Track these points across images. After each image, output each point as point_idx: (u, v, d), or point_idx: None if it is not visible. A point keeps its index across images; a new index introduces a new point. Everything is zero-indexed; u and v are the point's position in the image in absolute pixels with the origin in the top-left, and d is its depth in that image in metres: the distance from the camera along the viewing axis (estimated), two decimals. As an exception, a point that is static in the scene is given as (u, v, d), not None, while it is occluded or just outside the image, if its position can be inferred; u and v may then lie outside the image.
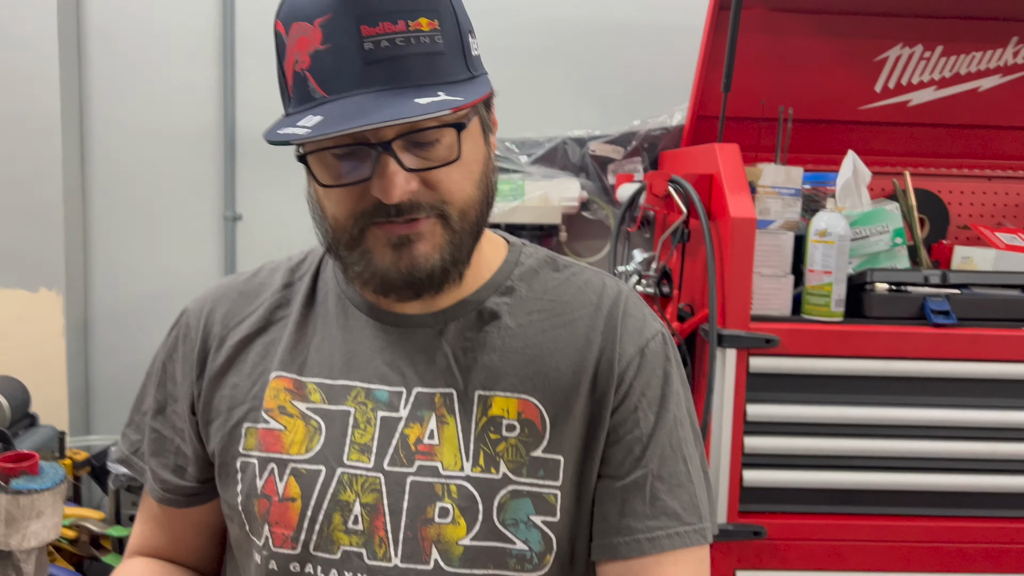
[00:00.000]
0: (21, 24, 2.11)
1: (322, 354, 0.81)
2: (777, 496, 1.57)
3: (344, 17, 0.65)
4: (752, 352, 1.53)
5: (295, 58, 0.69)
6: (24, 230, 2.17)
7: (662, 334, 0.82)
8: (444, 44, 0.69)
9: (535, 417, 0.77)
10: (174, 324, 0.88)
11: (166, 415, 0.86)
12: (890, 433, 1.55)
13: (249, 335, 0.83)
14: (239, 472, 0.79)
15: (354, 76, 0.66)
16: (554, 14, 2.25)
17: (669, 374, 0.80)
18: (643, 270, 1.70)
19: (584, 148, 2.18)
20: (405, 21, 0.66)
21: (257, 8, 2.24)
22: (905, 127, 2.08)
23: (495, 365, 0.78)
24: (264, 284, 0.87)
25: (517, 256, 0.85)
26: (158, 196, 2.30)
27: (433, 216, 0.72)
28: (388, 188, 0.68)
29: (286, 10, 0.70)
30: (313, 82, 0.68)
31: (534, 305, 0.81)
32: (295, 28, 0.69)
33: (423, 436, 0.76)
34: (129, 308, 2.31)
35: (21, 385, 2.03)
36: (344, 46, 0.66)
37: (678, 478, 0.77)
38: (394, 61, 0.66)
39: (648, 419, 0.78)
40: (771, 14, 1.94)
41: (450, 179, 0.71)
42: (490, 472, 0.75)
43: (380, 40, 0.66)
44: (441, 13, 0.69)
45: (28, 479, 0.99)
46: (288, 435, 0.78)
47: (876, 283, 1.61)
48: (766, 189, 1.62)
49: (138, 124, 2.28)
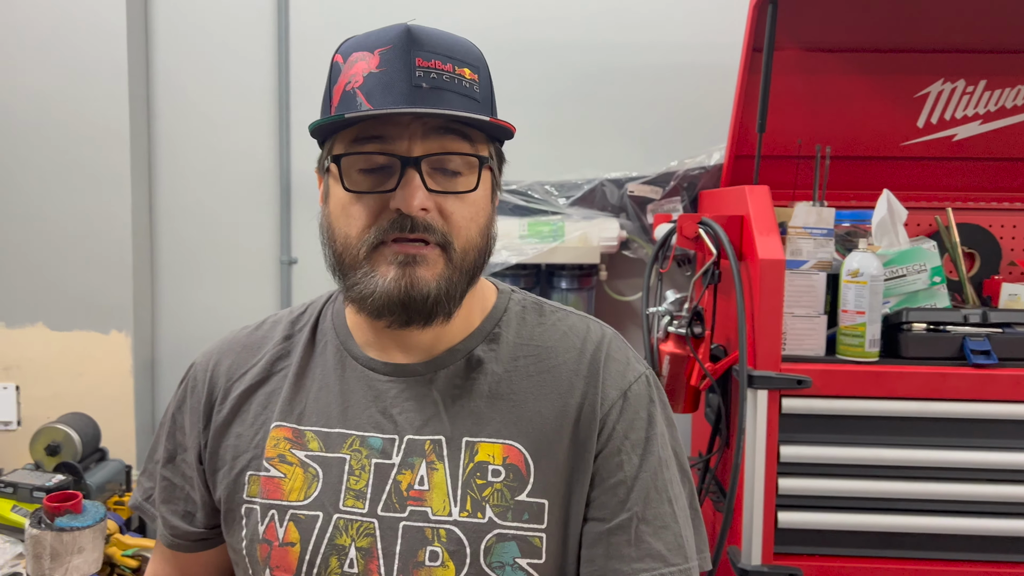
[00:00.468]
0: (94, 86, 2.26)
1: (320, 403, 0.84)
2: (813, 538, 1.56)
3: (402, 49, 0.74)
4: (784, 393, 1.53)
5: (348, 79, 0.77)
6: (97, 276, 2.31)
7: (645, 376, 0.84)
8: (479, 95, 0.78)
9: (519, 462, 0.79)
10: (183, 378, 0.93)
11: (176, 464, 0.91)
12: (928, 475, 1.53)
13: (251, 387, 0.88)
14: (243, 518, 0.83)
15: (401, 95, 0.74)
16: (591, 59, 2.30)
17: (653, 416, 0.82)
18: (675, 310, 1.72)
19: (622, 189, 2.21)
20: (453, 65, 0.76)
21: (309, 64, 2.36)
22: (951, 162, 2.05)
23: (481, 411, 0.81)
24: (266, 337, 0.91)
25: (505, 303, 0.89)
26: (219, 242, 2.42)
27: (438, 246, 0.77)
28: (410, 198, 0.74)
29: (348, 45, 0.79)
30: (361, 96, 0.75)
31: (520, 351, 0.84)
32: (354, 56, 0.77)
33: (414, 482, 0.79)
34: (192, 348, 2.41)
35: (92, 421, 2.15)
36: (397, 70, 0.74)
37: (663, 519, 0.79)
38: (437, 92, 0.74)
39: (632, 462, 0.80)
40: (806, 54, 1.96)
41: (461, 214, 0.77)
42: (477, 516, 0.78)
43: (430, 72, 0.74)
44: (480, 71, 0.79)
45: (71, 517, 1.06)
46: (288, 482, 0.82)
47: (913, 323, 1.59)
48: (797, 230, 1.62)
49: (200, 175, 2.41)
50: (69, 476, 1.96)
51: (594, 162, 2.27)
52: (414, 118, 0.75)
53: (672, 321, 1.70)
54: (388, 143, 0.75)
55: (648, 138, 2.31)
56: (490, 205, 0.82)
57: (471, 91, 0.77)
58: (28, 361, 2.33)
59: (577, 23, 2.31)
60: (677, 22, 2.29)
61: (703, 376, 1.64)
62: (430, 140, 0.75)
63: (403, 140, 0.75)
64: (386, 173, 0.76)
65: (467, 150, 0.77)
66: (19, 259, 2.31)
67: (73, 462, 2.00)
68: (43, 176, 2.29)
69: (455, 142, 0.76)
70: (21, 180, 2.30)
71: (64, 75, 2.26)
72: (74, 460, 2.02)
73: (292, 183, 2.38)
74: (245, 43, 2.37)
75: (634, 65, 2.31)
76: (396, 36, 0.75)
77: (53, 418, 2.15)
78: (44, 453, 2.03)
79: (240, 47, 2.37)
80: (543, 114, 2.31)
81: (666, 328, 1.70)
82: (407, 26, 0.75)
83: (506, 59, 2.29)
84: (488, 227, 0.82)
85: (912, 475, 1.53)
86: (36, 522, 1.20)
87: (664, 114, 2.31)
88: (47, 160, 2.28)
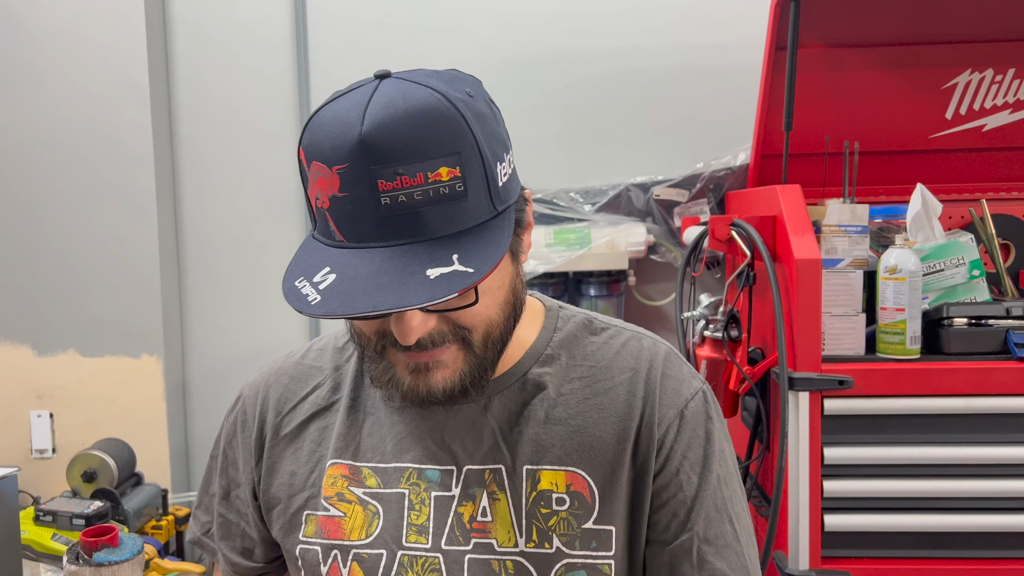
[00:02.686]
0: (119, 112, 2.28)
1: (374, 438, 0.82)
2: (861, 540, 1.53)
3: (360, 169, 0.63)
4: (826, 394, 1.51)
5: (316, 194, 0.68)
6: (126, 302, 2.32)
7: (702, 391, 0.82)
8: (467, 187, 0.65)
9: (583, 489, 0.77)
10: (232, 408, 0.91)
11: (230, 500, 0.89)
12: (976, 472, 1.50)
13: (304, 421, 0.85)
14: (299, 559, 0.81)
15: (370, 227, 0.65)
16: (610, 65, 2.30)
17: (711, 433, 0.80)
18: (710, 314, 1.70)
19: (648, 193, 2.20)
20: (424, 173, 0.63)
21: (329, 86, 2.34)
22: (981, 152, 2.02)
23: (540, 438, 0.79)
24: (313, 367, 0.89)
25: (555, 321, 0.86)
26: (246, 265, 2.43)
27: (455, 342, 0.72)
28: (405, 333, 0.68)
29: (307, 141, 0.68)
30: (333, 224, 0.67)
31: (575, 372, 0.82)
32: (315, 167, 0.67)
33: (476, 513, 0.77)
34: (222, 371, 2.44)
35: (127, 446, 2.16)
36: (361, 197, 0.64)
37: (725, 539, 0.77)
38: (410, 216, 0.64)
39: (692, 481, 0.78)
40: (829, 50, 1.94)
41: (471, 313, 0.71)
42: (544, 547, 0.76)
43: (397, 195, 0.63)
44: (463, 155, 0.65)
45: (109, 551, 1.05)
46: (348, 521, 0.80)
47: (954, 318, 1.56)
48: (831, 228, 1.60)
49: (224, 198, 2.42)
50: (107, 502, 1.97)
51: (618, 167, 2.26)
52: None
53: (708, 325, 1.68)
54: None
55: (672, 141, 2.30)
56: (509, 275, 0.75)
57: (453, 192, 0.64)
58: (61, 388, 2.34)
59: (595, 30, 2.31)
60: (696, 24, 2.28)
61: (742, 380, 1.62)
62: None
63: None
64: None
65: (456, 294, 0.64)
66: (49, 287, 2.33)
67: (110, 488, 2.01)
68: (70, 204, 2.31)
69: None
70: (49, 209, 2.32)
71: (89, 105, 2.29)
72: (111, 486, 2.03)
73: (316, 202, 2.39)
74: (265, 67, 2.38)
75: (655, 68, 2.30)
76: (351, 151, 0.63)
77: (88, 444, 2.16)
78: (81, 480, 2.05)
79: (260, 71, 2.38)
80: (565, 122, 2.30)
81: (702, 333, 1.68)
82: (359, 137, 0.63)
83: (526, 69, 2.30)
84: (511, 295, 0.76)
85: (959, 473, 1.51)
86: (74, 558, 1.19)
87: (687, 116, 2.30)
88: (74, 188, 2.31)
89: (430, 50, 2.30)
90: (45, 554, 1.87)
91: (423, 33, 2.30)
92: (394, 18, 2.33)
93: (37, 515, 1.94)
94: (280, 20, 2.36)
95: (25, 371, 2.34)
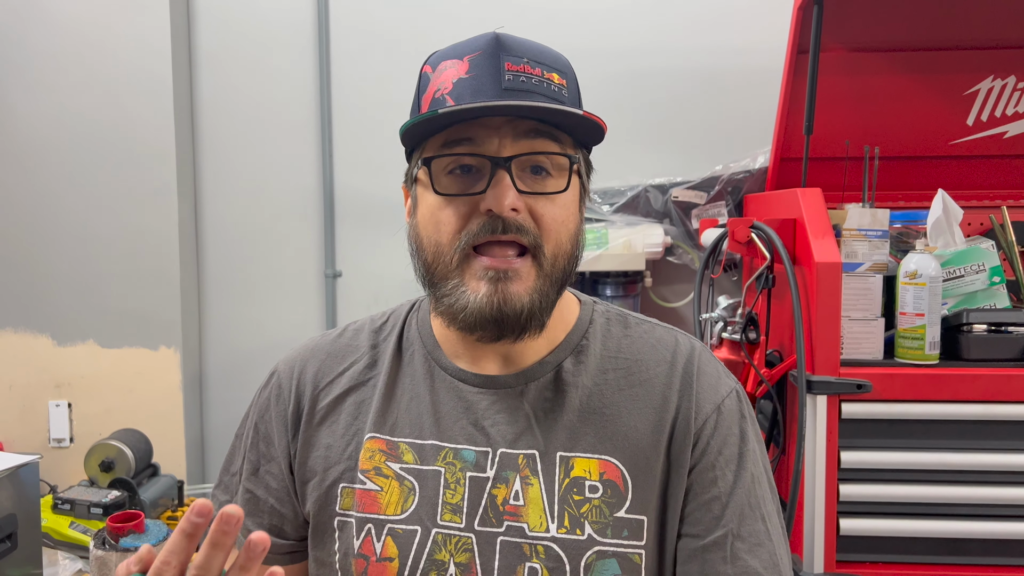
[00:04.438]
0: (141, 105, 2.30)
1: (411, 415, 0.83)
2: (876, 545, 1.53)
3: (491, 55, 0.75)
4: (844, 398, 1.51)
5: (437, 87, 0.76)
6: (146, 293, 2.34)
7: (736, 391, 0.83)
8: (567, 100, 0.78)
9: (617, 478, 0.78)
10: (265, 384, 0.92)
11: (259, 476, 0.89)
12: (994, 479, 1.50)
13: (340, 395, 0.86)
14: (336, 531, 0.82)
15: (491, 97, 0.73)
16: (630, 65, 2.30)
17: (745, 431, 0.81)
18: (728, 316, 1.70)
19: (666, 195, 2.20)
20: (542, 70, 0.76)
21: (350, 79, 2.38)
22: (1002, 159, 2.02)
23: (574, 426, 0.80)
24: (350, 345, 0.90)
25: (589, 314, 0.87)
26: (264, 258, 2.44)
27: (529, 255, 0.76)
28: (500, 198, 0.73)
29: (437, 56, 0.79)
30: (451, 100, 0.75)
31: (608, 364, 0.83)
32: (443, 64, 0.77)
33: (509, 496, 0.78)
34: (239, 363, 2.46)
35: (144, 437, 2.17)
36: (486, 74, 0.74)
37: (758, 536, 0.78)
38: (527, 94, 0.74)
39: (726, 478, 0.79)
40: (851, 54, 1.94)
41: (552, 215, 0.76)
42: (575, 533, 0.77)
43: (519, 75, 0.74)
44: (568, 77, 0.79)
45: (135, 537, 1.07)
46: (384, 496, 0.81)
47: (974, 324, 1.56)
48: (852, 232, 1.60)
49: (245, 192, 2.43)
50: (124, 492, 1.98)
51: (637, 168, 2.26)
52: (505, 121, 0.74)
53: (726, 327, 1.68)
54: (478, 145, 0.75)
55: (691, 143, 2.30)
56: (579, 211, 0.81)
57: (559, 95, 0.76)
58: (79, 378, 2.36)
59: (615, 29, 2.31)
60: (717, 26, 2.28)
61: (759, 382, 1.63)
62: (520, 142, 0.75)
63: (493, 141, 0.74)
64: (476, 176, 0.76)
65: (557, 150, 0.76)
66: (69, 278, 2.35)
67: (127, 478, 2.02)
68: (92, 195, 2.33)
69: (545, 143, 0.76)
70: (70, 199, 2.33)
71: (111, 96, 2.30)
72: (128, 476, 2.04)
73: (336, 197, 2.40)
74: (286, 61, 2.39)
75: (674, 69, 2.30)
76: (485, 43, 0.75)
77: (105, 435, 2.17)
78: (98, 469, 2.06)
79: (282, 64, 2.39)
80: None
81: (720, 334, 1.68)
82: (495, 33, 0.76)
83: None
84: (577, 233, 0.80)
85: (977, 479, 1.51)
86: (100, 543, 1.21)
87: (706, 118, 2.30)
88: (95, 179, 2.32)
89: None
90: (63, 542, 1.89)
91: (444, 30, 2.31)
92: (414, 17, 2.34)
93: (55, 503, 1.95)
94: (303, 16, 2.37)
95: (45, 361, 2.35)
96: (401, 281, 2.36)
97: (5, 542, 1.41)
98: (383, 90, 2.36)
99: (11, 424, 2.36)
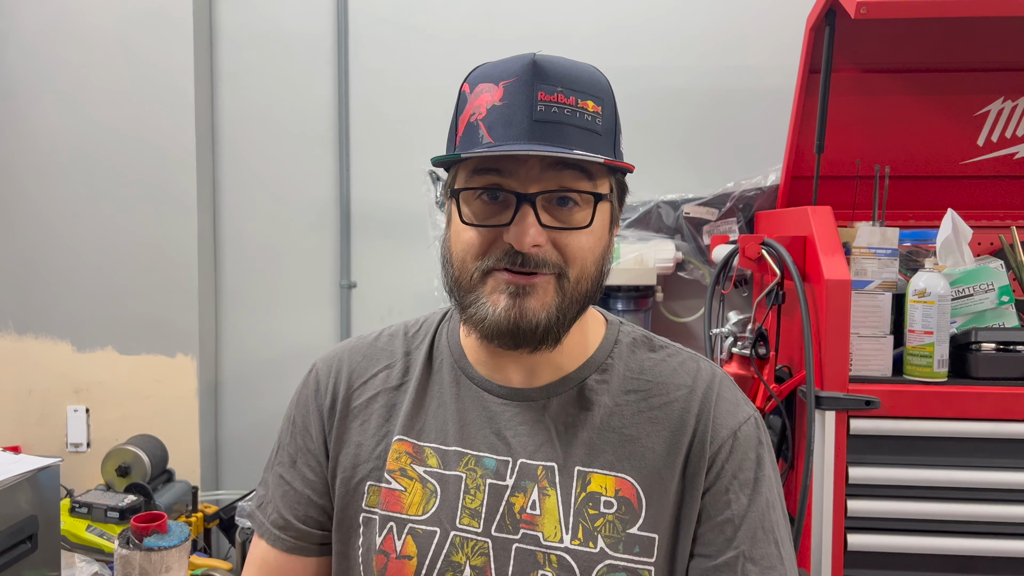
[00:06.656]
0: (163, 116, 2.35)
1: (438, 421, 0.86)
2: (883, 561, 1.54)
3: (525, 82, 0.75)
4: (852, 414, 1.52)
5: (473, 111, 0.78)
6: (164, 302, 2.38)
7: (754, 418, 0.85)
8: (602, 128, 0.78)
9: (632, 495, 0.80)
10: (304, 380, 0.94)
11: (297, 468, 0.91)
12: (1001, 497, 1.50)
13: (373, 396, 0.89)
14: (361, 527, 0.85)
15: (522, 130, 0.74)
16: (643, 83, 2.34)
17: (762, 458, 0.83)
18: (738, 331, 1.72)
19: (678, 211, 2.22)
20: (576, 98, 0.76)
21: (368, 93, 2.42)
22: (1013, 180, 2.03)
23: (593, 443, 0.82)
24: (385, 349, 0.93)
25: (615, 334, 0.90)
26: (280, 268, 2.48)
27: (552, 274, 0.77)
28: (522, 235, 0.74)
29: (476, 74, 0.80)
30: (483, 129, 0.76)
31: (630, 385, 0.86)
32: (480, 87, 0.78)
33: (526, 505, 0.81)
34: (255, 371, 2.49)
35: (160, 443, 2.20)
36: (519, 104, 0.75)
37: (770, 560, 0.79)
38: (558, 126, 0.75)
39: (740, 501, 0.80)
40: (863, 75, 1.96)
41: (577, 245, 0.77)
42: (588, 546, 0.79)
43: (552, 106, 0.75)
44: (605, 103, 0.79)
45: (158, 537, 1.09)
46: (407, 496, 0.84)
47: (982, 343, 1.58)
48: (861, 250, 1.62)
49: (263, 203, 2.48)
50: (140, 496, 2.01)
51: (649, 184, 2.28)
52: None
53: (736, 342, 1.70)
54: (505, 176, 0.76)
55: (703, 160, 2.33)
56: (607, 236, 0.82)
57: (593, 124, 0.76)
58: (97, 384, 2.40)
59: (628, 48, 2.35)
60: (730, 45, 2.31)
61: (768, 398, 1.64)
62: (547, 176, 0.76)
63: (520, 174, 0.76)
64: (503, 204, 0.77)
65: (584, 187, 0.77)
66: (90, 286, 2.39)
67: (143, 483, 2.05)
68: (114, 206, 2.38)
69: (573, 179, 0.76)
70: (93, 210, 2.38)
71: (135, 110, 2.35)
72: (144, 481, 2.07)
73: (352, 209, 2.44)
74: (305, 76, 2.44)
75: (687, 87, 2.33)
76: (521, 68, 0.76)
77: (121, 440, 2.21)
78: (115, 474, 2.09)
79: (302, 81, 2.44)
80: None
81: (730, 349, 1.70)
82: (533, 58, 0.76)
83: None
84: (603, 258, 0.82)
85: (984, 497, 1.51)
86: (125, 543, 1.24)
87: (719, 136, 2.32)
88: (118, 190, 2.37)
89: (469, 63, 2.33)
90: (80, 545, 1.92)
91: (461, 50, 2.35)
92: (434, 33, 2.38)
93: (73, 507, 1.99)
94: (323, 32, 2.42)
95: (64, 366, 2.40)
96: (415, 293, 2.40)
97: (25, 543, 1.44)
98: (399, 106, 2.39)
99: (30, 428, 2.40)
